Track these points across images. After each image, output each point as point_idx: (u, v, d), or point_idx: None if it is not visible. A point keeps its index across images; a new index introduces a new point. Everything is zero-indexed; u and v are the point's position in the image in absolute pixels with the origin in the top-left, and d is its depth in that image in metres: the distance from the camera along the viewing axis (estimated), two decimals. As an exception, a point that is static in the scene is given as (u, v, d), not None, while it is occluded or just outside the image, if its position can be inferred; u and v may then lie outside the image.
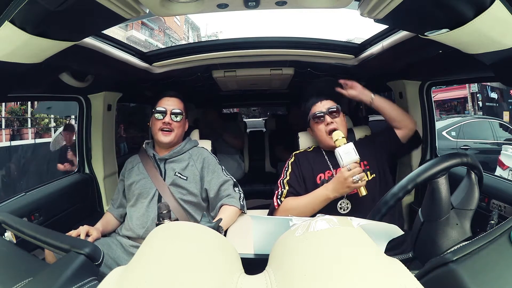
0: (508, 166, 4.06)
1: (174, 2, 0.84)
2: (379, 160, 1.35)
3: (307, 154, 1.43)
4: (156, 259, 0.40)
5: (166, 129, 1.33)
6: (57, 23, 0.76)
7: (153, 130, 1.36)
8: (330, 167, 1.35)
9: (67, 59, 1.12)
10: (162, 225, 0.52)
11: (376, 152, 1.36)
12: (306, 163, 1.38)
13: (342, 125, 1.35)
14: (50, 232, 0.62)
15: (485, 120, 5.99)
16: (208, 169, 1.36)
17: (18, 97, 1.84)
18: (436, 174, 0.69)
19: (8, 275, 0.55)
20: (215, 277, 0.40)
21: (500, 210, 1.13)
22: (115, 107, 1.90)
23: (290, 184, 1.34)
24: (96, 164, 1.81)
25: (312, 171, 1.35)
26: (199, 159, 1.37)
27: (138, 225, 1.26)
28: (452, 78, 1.63)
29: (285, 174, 1.38)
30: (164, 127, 1.33)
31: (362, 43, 1.54)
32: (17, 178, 5.22)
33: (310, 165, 1.37)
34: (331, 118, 1.34)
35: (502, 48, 0.73)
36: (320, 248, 0.41)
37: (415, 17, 0.83)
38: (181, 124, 1.37)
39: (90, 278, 0.51)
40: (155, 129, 1.35)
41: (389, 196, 0.74)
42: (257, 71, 1.85)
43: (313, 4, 0.89)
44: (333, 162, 1.28)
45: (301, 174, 1.35)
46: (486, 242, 0.51)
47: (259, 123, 6.27)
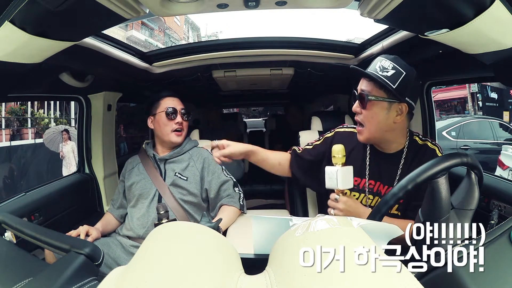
0: (508, 166, 4.06)
1: (174, 2, 0.84)
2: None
3: (350, 137, 1.11)
4: (156, 259, 0.40)
5: (179, 129, 1.32)
6: (57, 23, 0.76)
7: (164, 131, 1.33)
8: (366, 173, 1.05)
9: (67, 59, 1.13)
10: (162, 225, 0.52)
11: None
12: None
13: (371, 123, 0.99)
14: (50, 232, 0.62)
15: (485, 120, 5.99)
16: (208, 169, 1.35)
17: (18, 97, 1.84)
18: (436, 174, 0.69)
19: (8, 275, 0.55)
20: (215, 277, 0.40)
21: (500, 210, 1.13)
22: (115, 107, 1.90)
23: (306, 151, 1.17)
24: (96, 164, 1.81)
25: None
26: (199, 159, 1.37)
27: (138, 226, 1.26)
28: (452, 78, 1.62)
29: (315, 142, 1.18)
30: (179, 127, 1.32)
31: (362, 43, 1.54)
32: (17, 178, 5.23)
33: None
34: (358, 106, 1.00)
35: (502, 48, 0.73)
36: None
37: (415, 17, 0.83)
38: (187, 123, 1.37)
39: (90, 278, 0.51)
40: (167, 130, 1.32)
41: (389, 196, 0.74)
42: (257, 71, 1.85)
43: (313, 4, 0.89)
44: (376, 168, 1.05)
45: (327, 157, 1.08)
46: (486, 242, 0.51)
47: (259, 123, 6.27)
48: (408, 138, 1.04)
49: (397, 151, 1.04)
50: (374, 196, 1.06)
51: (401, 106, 0.96)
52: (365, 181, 1.06)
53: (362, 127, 1.00)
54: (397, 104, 0.95)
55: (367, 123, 0.99)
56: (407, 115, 0.99)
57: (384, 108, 0.96)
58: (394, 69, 0.94)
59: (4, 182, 5.08)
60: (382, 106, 0.96)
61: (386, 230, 0.66)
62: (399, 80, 0.93)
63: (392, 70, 0.94)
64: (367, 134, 1.00)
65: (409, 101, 0.96)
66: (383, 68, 0.95)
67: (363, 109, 0.98)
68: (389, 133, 1.00)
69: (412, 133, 1.07)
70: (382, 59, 0.97)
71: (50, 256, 1.10)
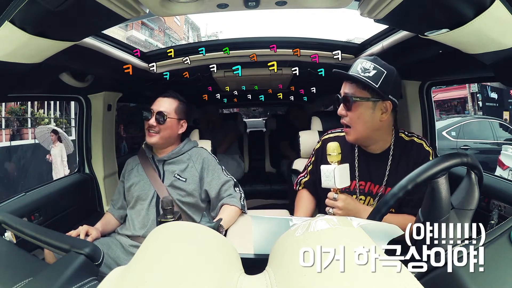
0: (508, 166, 4.06)
1: (174, 2, 0.84)
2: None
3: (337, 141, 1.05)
4: (156, 259, 0.40)
5: (151, 131, 1.30)
6: (57, 23, 0.76)
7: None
8: (356, 174, 1.08)
9: (67, 59, 1.13)
10: (162, 225, 0.52)
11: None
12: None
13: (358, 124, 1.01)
14: (50, 232, 0.63)
15: (485, 120, 5.99)
16: (208, 170, 1.35)
17: (18, 97, 1.84)
18: (436, 174, 0.69)
19: (8, 275, 0.55)
20: (215, 277, 0.40)
21: (500, 210, 1.13)
22: (115, 107, 1.90)
23: (311, 174, 1.21)
24: (96, 164, 1.82)
25: None
26: (199, 159, 1.36)
27: (139, 227, 1.26)
28: (452, 78, 1.63)
29: (311, 160, 1.23)
30: (149, 128, 1.30)
31: (362, 43, 1.55)
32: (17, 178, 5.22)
33: None
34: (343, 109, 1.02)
35: (502, 48, 0.73)
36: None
37: (415, 17, 0.83)
38: (167, 126, 1.30)
39: (90, 278, 0.51)
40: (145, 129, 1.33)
41: (389, 195, 0.74)
42: (257, 71, 1.85)
43: (313, 4, 0.89)
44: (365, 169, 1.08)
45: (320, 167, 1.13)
46: (486, 242, 0.51)
47: (259, 123, 6.27)
48: (394, 135, 1.07)
49: (384, 149, 1.07)
50: (366, 196, 1.08)
51: (385, 104, 0.99)
52: (355, 182, 1.08)
53: (349, 128, 1.02)
54: (381, 102, 0.98)
55: (354, 124, 1.01)
56: (392, 113, 1.02)
57: (369, 108, 0.99)
58: (375, 69, 0.98)
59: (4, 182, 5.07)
60: (367, 106, 0.99)
61: (386, 230, 0.66)
62: (381, 79, 0.96)
63: (374, 70, 0.97)
64: (355, 134, 1.02)
65: (392, 98, 0.99)
66: (364, 69, 0.98)
67: (349, 111, 1.01)
68: (376, 132, 1.03)
69: (398, 130, 1.09)
70: (363, 61, 1.00)
71: (50, 256, 1.10)
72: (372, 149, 1.08)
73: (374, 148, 1.07)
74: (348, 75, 1.00)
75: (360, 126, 1.00)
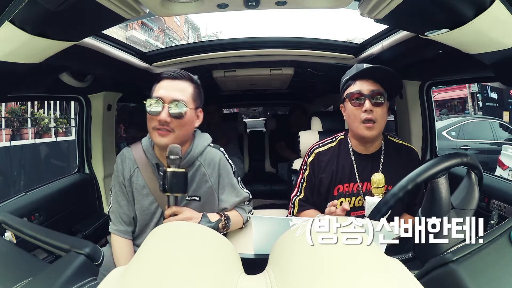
0: (508, 166, 4.06)
1: (174, 2, 0.84)
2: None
3: (331, 152, 1.15)
4: (156, 259, 0.40)
5: (163, 128, 0.95)
6: (57, 23, 0.76)
7: (148, 127, 0.99)
8: (356, 177, 1.08)
9: (67, 59, 1.13)
10: (162, 225, 0.52)
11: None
12: (328, 166, 1.12)
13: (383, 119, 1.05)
14: (50, 232, 0.63)
15: (485, 120, 5.99)
16: (223, 185, 1.10)
17: (18, 97, 1.84)
18: (436, 174, 0.69)
19: (8, 275, 0.55)
20: (215, 277, 0.40)
21: (500, 210, 1.13)
22: (115, 107, 1.90)
23: (306, 191, 1.17)
24: (96, 164, 1.82)
25: (332, 178, 1.11)
26: (214, 168, 1.09)
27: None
28: (452, 78, 1.63)
29: (303, 175, 1.18)
30: (160, 126, 0.95)
31: (362, 43, 1.54)
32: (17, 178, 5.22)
33: (331, 169, 1.11)
34: (371, 105, 1.02)
35: (502, 48, 0.73)
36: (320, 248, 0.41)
37: (415, 17, 0.83)
38: (186, 121, 0.97)
39: (90, 278, 0.51)
40: (149, 126, 0.98)
41: (389, 195, 0.74)
42: (257, 71, 1.85)
43: (313, 4, 0.89)
44: (362, 170, 1.09)
45: (318, 180, 1.13)
46: (486, 242, 0.51)
47: (259, 123, 6.27)
48: (382, 137, 1.13)
49: (377, 149, 1.12)
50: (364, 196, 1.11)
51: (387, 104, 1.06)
52: (357, 184, 1.11)
53: (374, 123, 1.04)
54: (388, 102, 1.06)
55: (380, 119, 1.04)
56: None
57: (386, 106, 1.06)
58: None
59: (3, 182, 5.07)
60: (386, 104, 1.06)
61: (386, 230, 0.66)
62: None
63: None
64: (379, 129, 1.05)
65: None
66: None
67: (379, 107, 1.03)
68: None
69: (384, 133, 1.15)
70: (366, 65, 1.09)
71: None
72: (367, 149, 1.11)
73: (370, 148, 1.11)
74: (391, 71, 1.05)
75: (383, 122, 1.05)
